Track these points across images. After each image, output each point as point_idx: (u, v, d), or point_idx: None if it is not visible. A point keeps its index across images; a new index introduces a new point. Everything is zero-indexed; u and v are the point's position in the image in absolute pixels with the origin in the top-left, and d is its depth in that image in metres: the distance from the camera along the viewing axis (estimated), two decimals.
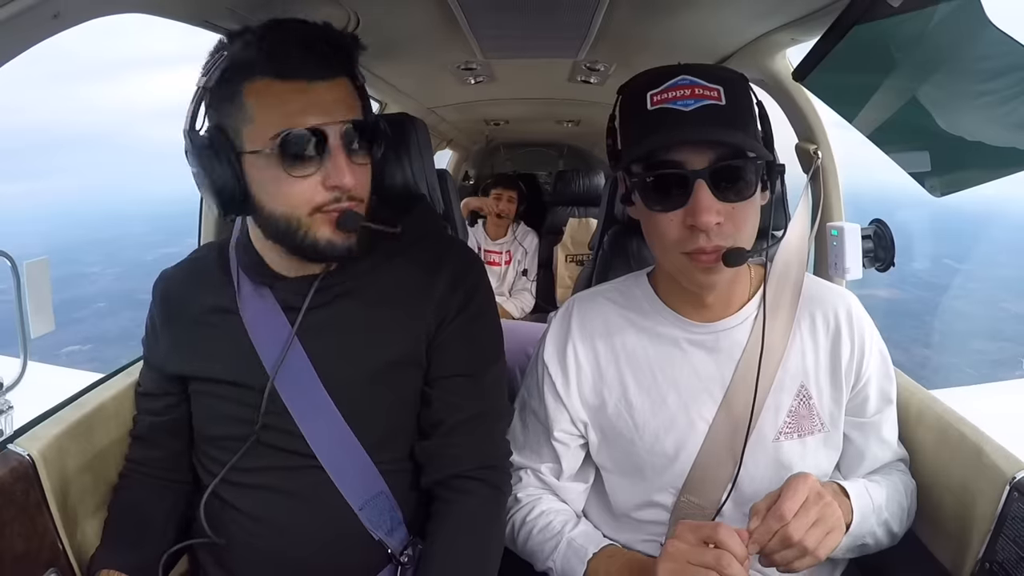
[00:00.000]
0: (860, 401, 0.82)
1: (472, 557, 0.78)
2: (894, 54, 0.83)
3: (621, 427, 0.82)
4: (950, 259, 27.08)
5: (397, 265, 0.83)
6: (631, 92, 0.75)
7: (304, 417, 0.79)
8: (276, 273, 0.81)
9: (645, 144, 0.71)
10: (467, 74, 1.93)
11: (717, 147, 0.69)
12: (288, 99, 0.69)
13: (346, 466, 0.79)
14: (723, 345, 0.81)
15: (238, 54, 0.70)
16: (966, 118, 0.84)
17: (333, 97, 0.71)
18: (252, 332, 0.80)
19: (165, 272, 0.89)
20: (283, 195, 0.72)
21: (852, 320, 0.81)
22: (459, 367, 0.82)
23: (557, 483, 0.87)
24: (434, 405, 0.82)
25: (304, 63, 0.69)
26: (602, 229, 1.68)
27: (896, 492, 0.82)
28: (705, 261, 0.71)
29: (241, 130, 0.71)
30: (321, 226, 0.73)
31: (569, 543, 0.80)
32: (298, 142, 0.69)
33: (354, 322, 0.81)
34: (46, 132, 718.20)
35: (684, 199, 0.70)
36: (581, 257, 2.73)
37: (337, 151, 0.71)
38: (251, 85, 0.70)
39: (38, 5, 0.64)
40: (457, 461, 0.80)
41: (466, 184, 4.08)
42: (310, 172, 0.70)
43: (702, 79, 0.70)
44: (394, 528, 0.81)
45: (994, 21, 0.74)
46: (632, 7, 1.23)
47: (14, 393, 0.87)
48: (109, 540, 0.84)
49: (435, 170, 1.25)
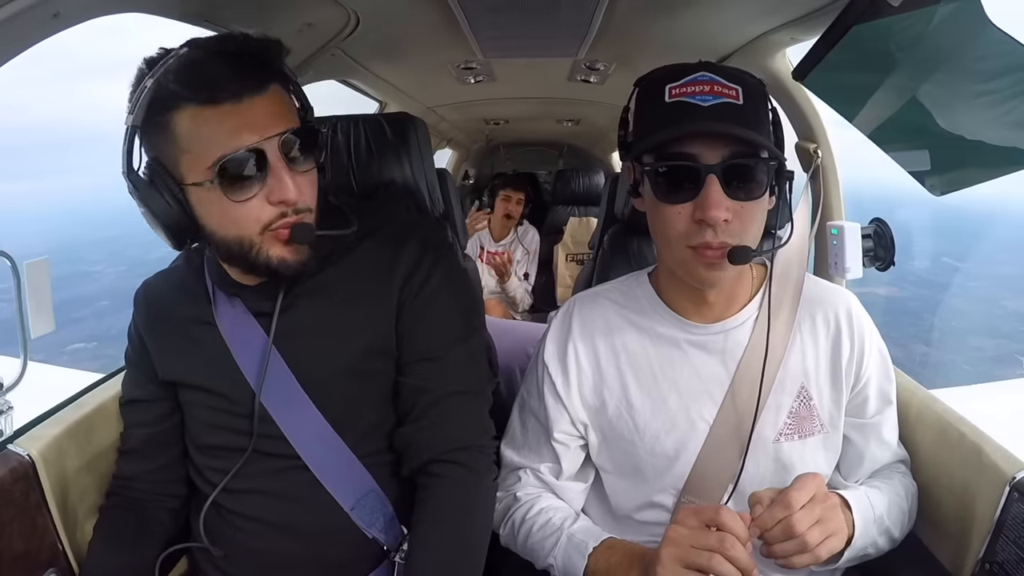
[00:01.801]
0: (860, 402, 0.82)
1: (453, 543, 0.77)
2: (894, 54, 0.83)
3: (621, 428, 0.82)
4: (949, 257, 27.11)
5: (360, 256, 0.82)
6: (649, 84, 0.75)
7: (286, 420, 0.79)
8: (239, 283, 0.81)
9: (660, 135, 0.71)
10: (467, 73, 1.93)
11: (731, 144, 0.70)
12: (218, 123, 0.67)
13: (332, 465, 0.80)
14: (724, 346, 0.81)
15: (160, 84, 0.66)
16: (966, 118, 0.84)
17: (264, 111, 0.68)
18: (230, 342, 0.81)
19: (147, 281, 0.89)
20: (230, 220, 0.70)
21: (852, 320, 0.81)
22: (423, 351, 0.81)
23: (556, 483, 0.87)
24: (403, 391, 0.82)
25: (229, 82, 0.66)
26: (602, 228, 1.68)
27: (897, 496, 0.81)
28: (710, 257, 0.71)
29: (179, 161, 0.69)
30: (272, 245, 0.71)
31: (569, 538, 0.79)
32: (237, 166, 0.67)
33: (323, 319, 0.80)
34: (45, 131, 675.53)
35: (695, 192, 0.70)
36: (581, 256, 2.73)
37: (277, 165, 0.69)
38: (179, 114, 0.67)
39: (38, 4, 0.64)
40: (429, 446, 0.80)
41: (466, 183, 4.08)
42: (254, 192, 0.69)
43: (721, 77, 0.71)
44: (387, 525, 0.82)
45: (994, 21, 0.74)
46: (632, 6, 1.23)
47: (14, 393, 0.87)
48: (99, 561, 0.82)
49: (435, 170, 1.25)
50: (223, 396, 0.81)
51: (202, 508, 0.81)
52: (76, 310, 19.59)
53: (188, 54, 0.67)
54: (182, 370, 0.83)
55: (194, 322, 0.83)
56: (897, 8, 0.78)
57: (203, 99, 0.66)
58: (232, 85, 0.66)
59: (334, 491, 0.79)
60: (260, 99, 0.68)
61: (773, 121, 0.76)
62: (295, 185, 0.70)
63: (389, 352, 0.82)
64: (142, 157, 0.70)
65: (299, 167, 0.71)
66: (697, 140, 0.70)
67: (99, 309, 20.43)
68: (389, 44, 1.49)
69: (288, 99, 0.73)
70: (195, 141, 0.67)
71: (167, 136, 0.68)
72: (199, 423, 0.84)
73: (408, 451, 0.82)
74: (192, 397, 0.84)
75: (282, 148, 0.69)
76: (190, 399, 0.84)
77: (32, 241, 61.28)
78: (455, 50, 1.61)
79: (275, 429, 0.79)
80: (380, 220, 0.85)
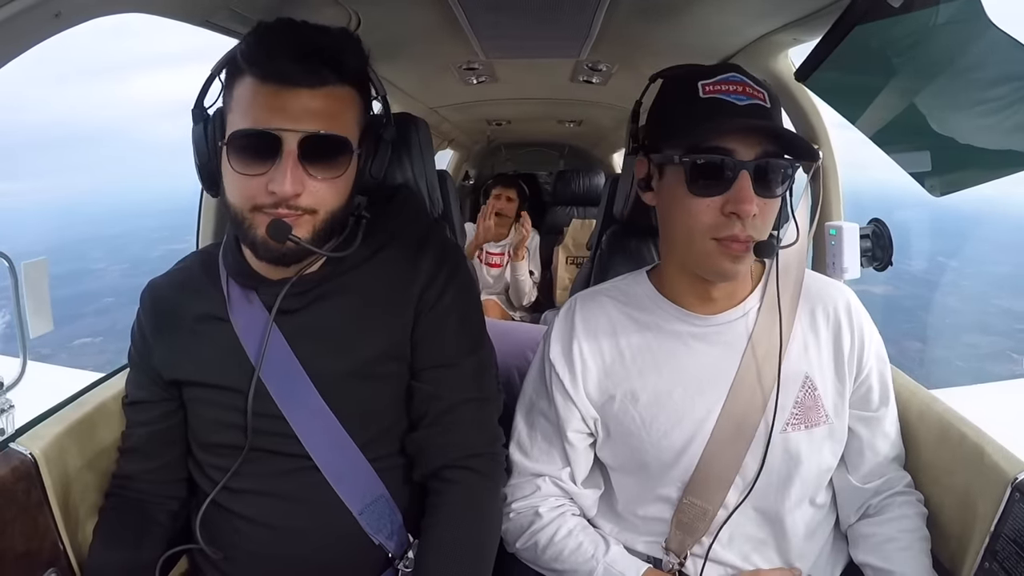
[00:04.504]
0: (864, 392, 0.83)
1: (466, 548, 0.77)
2: (895, 55, 0.83)
3: (627, 423, 0.82)
4: (943, 256, 27.26)
5: (380, 262, 0.82)
6: (677, 80, 0.77)
7: (298, 420, 0.79)
8: (259, 276, 0.81)
9: (699, 130, 0.72)
10: (469, 74, 1.93)
11: (764, 143, 0.72)
12: (260, 99, 0.70)
13: (343, 468, 0.79)
14: (726, 338, 0.82)
15: (240, 49, 0.71)
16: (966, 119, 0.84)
17: (306, 105, 0.69)
18: (242, 337, 0.80)
19: (153, 282, 0.88)
20: (231, 187, 0.73)
21: (851, 314, 0.83)
22: (437, 358, 0.82)
23: (575, 489, 0.87)
24: (417, 397, 0.82)
25: (283, 66, 0.69)
26: (601, 229, 1.68)
27: (924, 542, 0.82)
28: (736, 249, 0.73)
29: (227, 118, 0.73)
30: (259, 225, 0.72)
31: (606, 569, 0.80)
32: (245, 142, 0.70)
33: (340, 321, 0.80)
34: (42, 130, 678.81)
35: (726, 187, 0.72)
36: (581, 259, 2.71)
37: (288, 158, 0.69)
38: (241, 80, 0.71)
39: (39, 5, 0.64)
40: (443, 452, 0.80)
41: (466, 184, 4.07)
42: (258, 172, 0.70)
43: (750, 80, 0.74)
44: (394, 532, 0.81)
45: (995, 22, 0.74)
46: (634, 7, 1.23)
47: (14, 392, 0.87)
48: (100, 561, 0.82)
49: (435, 171, 1.25)
50: (231, 391, 0.80)
51: (203, 508, 0.80)
52: (81, 306, 19.71)
53: (267, 32, 0.71)
54: (189, 368, 0.82)
55: (204, 319, 0.82)
56: (899, 9, 0.78)
57: (255, 73, 0.70)
58: (285, 69, 0.69)
59: (343, 494, 0.79)
60: (307, 92, 0.70)
61: None
62: (299, 183, 0.70)
63: (403, 357, 0.82)
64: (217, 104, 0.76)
65: (316, 171, 0.71)
66: (733, 137, 0.71)
67: (103, 305, 20.59)
68: (391, 45, 1.49)
69: (347, 107, 0.74)
70: (239, 106, 0.71)
71: (230, 93, 0.73)
72: (205, 421, 0.83)
73: (421, 455, 0.82)
74: (199, 395, 0.83)
75: (302, 145, 0.70)
76: (197, 396, 0.83)
77: (32, 239, 61.33)
78: (457, 51, 1.61)
79: (285, 427, 0.78)
80: (399, 226, 0.85)
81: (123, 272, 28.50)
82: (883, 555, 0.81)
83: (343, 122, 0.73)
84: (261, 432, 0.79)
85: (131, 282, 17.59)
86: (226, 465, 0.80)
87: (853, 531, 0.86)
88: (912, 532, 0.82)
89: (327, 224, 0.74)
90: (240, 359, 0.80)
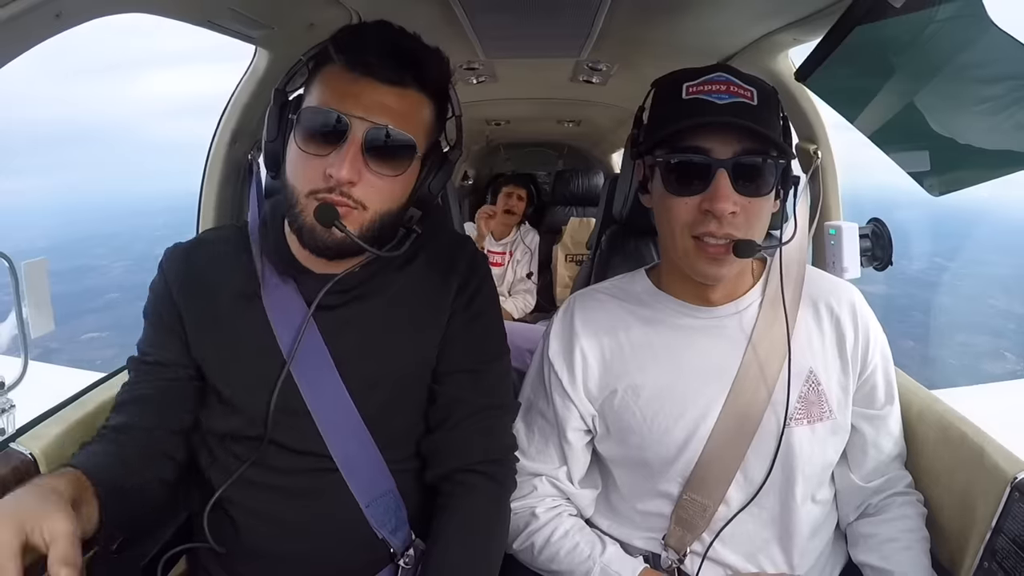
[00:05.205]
0: (869, 390, 0.83)
1: (475, 557, 0.77)
2: (896, 55, 0.83)
3: (628, 419, 0.82)
4: (940, 257, 27.39)
5: (417, 265, 0.84)
6: (666, 84, 0.78)
7: (323, 415, 0.78)
8: (299, 265, 0.81)
9: (674, 126, 0.73)
10: (469, 74, 1.93)
11: (743, 141, 0.72)
12: (338, 86, 0.71)
13: (359, 464, 0.79)
14: (727, 332, 0.82)
15: (334, 38, 0.73)
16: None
17: (382, 100, 0.71)
18: (274, 322, 0.79)
19: (179, 245, 0.84)
20: (292, 167, 0.74)
21: (855, 310, 0.83)
22: (463, 362, 0.83)
23: (572, 489, 0.87)
24: (440, 400, 0.82)
25: (372, 61, 0.71)
26: (600, 228, 1.68)
27: (925, 542, 0.83)
28: (713, 252, 0.73)
29: (304, 101, 0.74)
30: (310, 211, 0.71)
31: (603, 569, 0.80)
32: (314, 120, 0.71)
33: (377, 322, 0.81)
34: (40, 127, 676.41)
35: (704, 186, 0.72)
36: (581, 257, 2.72)
37: (352, 145, 0.70)
38: (326, 67, 0.73)
39: (40, 5, 0.64)
40: (461, 454, 0.80)
41: (465, 184, 4.07)
42: (321, 154, 0.70)
43: (738, 79, 0.74)
44: (398, 527, 0.81)
45: (996, 23, 0.74)
46: (634, 7, 1.23)
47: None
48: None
49: None
50: (259, 380, 0.77)
51: (209, 501, 0.78)
52: (87, 301, 19.89)
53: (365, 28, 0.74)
54: (216, 346, 0.79)
55: (239, 296, 0.80)
56: (899, 9, 0.78)
57: (341, 60, 0.71)
58: (369, 61, 0.70)
59: (354, 487, 0.79)
60: (385, 87, 0.71)
61: (783, 128, 0.78)
62: (356, 172, 0.70)
63: (429, 362, 0.82)
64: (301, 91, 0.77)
65: (376, 165, 0.72)
66: (710, 135, 0.72)
67: (109, 301, 20.88)
68: None
69: (420, 113, 0.75)
70: (317, 88, 0.73)
71: (312, 79, 0.74)
72: (221, 407, 0.79)
73: (436, 456, 0.82)
74: (221, 375, 0.79)
75: (366, 134, 0.70)
76: (219, 376, 0.79)
77: (34, 235, 61.30)
78: (457, 50, 1.61)
79: (309, 424, 0.77)
80: (430, 230, 0.85)
81: (126, 268, 28.66)
82: (883, 555, 0.81)
83: (412, 125, 0.74)
84: (280, 426, 0.77)
85: (134, 278, 17.76)
86: (240, 455, 0.78)
87: (852, 530, 0.87)
88: (912, 532, 0.82)
89: (375, 224, 0.74)
90: (270, 345, 0.78)
